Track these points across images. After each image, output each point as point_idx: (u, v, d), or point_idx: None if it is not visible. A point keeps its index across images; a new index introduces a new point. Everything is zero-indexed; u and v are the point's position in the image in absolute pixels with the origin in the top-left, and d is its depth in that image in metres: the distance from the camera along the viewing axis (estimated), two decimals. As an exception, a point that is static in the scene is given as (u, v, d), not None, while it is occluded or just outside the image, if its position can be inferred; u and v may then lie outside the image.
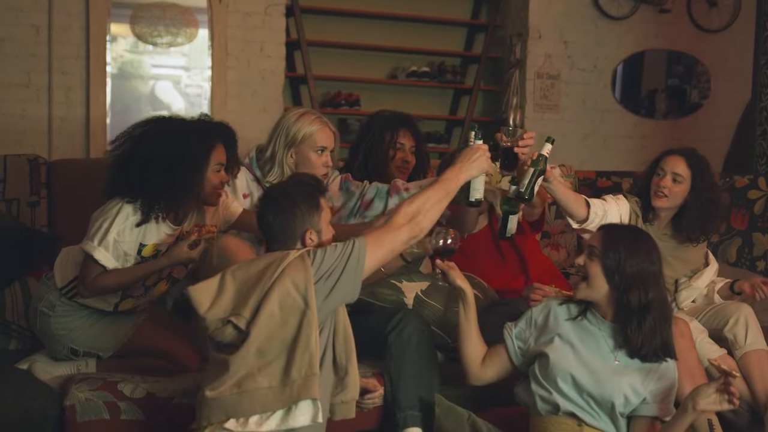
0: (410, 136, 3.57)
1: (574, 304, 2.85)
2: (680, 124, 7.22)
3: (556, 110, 6.89)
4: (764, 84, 5.01)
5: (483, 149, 2.78)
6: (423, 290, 3.33)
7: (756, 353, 3.39)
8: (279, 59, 6.27)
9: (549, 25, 6.84)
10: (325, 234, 2.61)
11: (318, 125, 3.27)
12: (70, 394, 2.84)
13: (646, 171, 3.57)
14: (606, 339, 2.77)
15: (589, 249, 2.76)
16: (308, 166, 3.24)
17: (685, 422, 2.59)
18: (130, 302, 3.10)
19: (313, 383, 2.40)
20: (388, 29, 6.94)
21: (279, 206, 2.57)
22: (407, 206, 2.59)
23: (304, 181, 2.66)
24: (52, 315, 3.04)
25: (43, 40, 5.65)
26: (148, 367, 3.12)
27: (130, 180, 2.94)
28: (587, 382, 2.70)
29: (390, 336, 3.07)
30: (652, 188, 3.49)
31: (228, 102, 6.03)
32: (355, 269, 2.47)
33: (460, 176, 2.73)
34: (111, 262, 2.93)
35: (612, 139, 6.97)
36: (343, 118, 6.82)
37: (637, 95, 7.26)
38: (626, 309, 2.71)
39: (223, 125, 3.10)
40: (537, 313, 2.89)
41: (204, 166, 2.95)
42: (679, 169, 3.45)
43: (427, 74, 7.00)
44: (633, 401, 2.72)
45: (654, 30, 7.06)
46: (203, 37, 6.21)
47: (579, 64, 6.95)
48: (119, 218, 2.92)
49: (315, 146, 3.26)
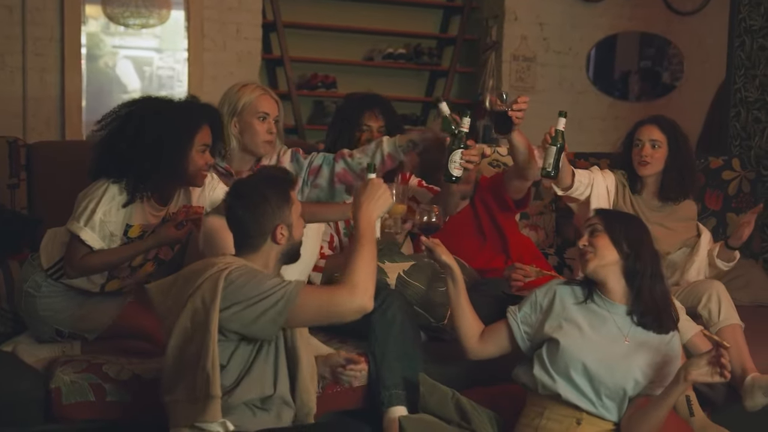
0: (378, 117, 3.55)
1: (578, 286, 2.86)
2: (653, 106, 7.27)
3: (532, 92, 6.90)
4: (738, 66, 5.07)
5: (381, 182, 2.63)
6: (405, 270, 3.35)
7: (730, 328, 3.47)
8: (255, 41, 6.26)
9: (525, 8, 6.86)
10: (296, 228, 2.57)
11: (259, 92, 3.34)
12: (55, 376, 2.84)
13: (623, 145, 3.80)
14: (615, 320, 2.78)
15: (590, 228, 2.79)
16: (252, 133, 3.29)
17: (677, 393, 2.64)
18: (116, 283, 3.09)
19: (211, 407, 2.37)
20: (365, 11, 6.93)
21: (249, 202, 2.53)
22: (348, 276, 2.43)
23: (273, 175, 2.62)
24: (37, 296, 3.03)
25: (17, 21, 5.60)
26: (133, 349, 3.12)
27: (116, 161, 2.93)
28: (599, 370, 2.71)
29: (373, 316, 3.06)
30: (634, 159, 3.71)
31: (204, 84, 6.01)
32: (276, 317, 2.39)
33: (372, 218, 2.56)
34: (97, 242, 2.93)
35: (587, 121, 7.02)
36: (320, 100, 6.82)
37: (610, 77, 7.32)
38: (638, 274, 2.75)
39: (209, 107, 3.09)
40: (541, 296, 2.89)
41: (189, 147, 2.94)
42: (654, 135, 3.69)
43: (404, 56, 7.01)
44: (642, 383, 2.74)
45: (628, 13, 7.10)
46: (175, 18, 6.18)
47: (554, 46, 6.98)
48: (105, 198, 2.92)
49: (257, 112, 3.30)
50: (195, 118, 2.99)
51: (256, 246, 2.54)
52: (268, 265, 2.55)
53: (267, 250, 2.54)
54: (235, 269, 2.43)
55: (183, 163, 2.95)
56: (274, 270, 2.58)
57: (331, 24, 6.81)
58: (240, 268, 2.44)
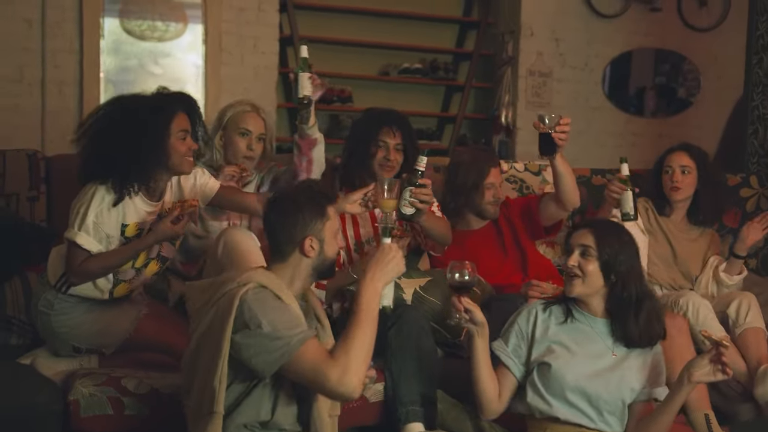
0: (395, 133, 3.51)
1: (556, 305, 2.84)
2: (669, 122, 7.27)
3: (548, 107, 6.91)
4: (756, 83, 5.05)
5: (395, 249, 2.53)
6: (422, 286, 3.34)
7: (753, 330, 3.53)
8: (272, 55, 6.28)
9: (541, 23, 6.87)
10: (328, 244, 2.53)
11: (245, 109, 3.52)
12: (74, 389, 2.84)
13: (653, 172, 3.94)
14: (600, 335, 2.78)
15: (581, 248, 2.75)
16: (232, 147, 3.48)
17: (683, 395, 2.66)
18: (124, 287, 3.10)
19: (212, 422, 2.35)
20: (381, 26, 6.95)
21: (282, 208, 2.53)
22: (344, 355, 2.34)
23: (312, 188, 2.60)
24: (51, 314, 3.04)
25: (36, 35, 5.63)
26: (151, 362, 3.13)
27: (98, 162, 2.96)
28: (595, 386, 2.71)
29: (390, 332, 3.08)
30: (665, 185, 3.87)
31: (221, 97, 6.01)
32: (272, 363, 2.33)
33: (378, 288, 2.46)
34: (94, 245, 2.95)
35: (603, 137, 7.01)
36: (335, 114, 6.84)
37: (626, 93, 7.31)
38: (623, 303, 2.73)
39: (182, 94, 3.12)
40: (523, 323, 2.85)
41: (166, 134, 2.96)
42: (684, 161, 3.85)
43: (420, 71, 7.02)
44: (637, 389, 2.75)
45: (644, 28, 7.11)
46: (192, 32, 6.21)
47: (570, 61, 6.99)
48: (95, 201, 2.94)
49: (238, 128, 3.46)
50: (168, 107, 3.02)
51: (284, 256, 2.51)
52: (298, 277, 2.52)
53: (296, 261, 2.51)
54: (252, 292, 2.38)
55: (164, 152, 2.97)
56: (305, 284, 2.56)
57: (347, 38, 6.83)
58: (257, 292, 2.39)
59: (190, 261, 3.49)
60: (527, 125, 6.87)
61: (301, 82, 3.22)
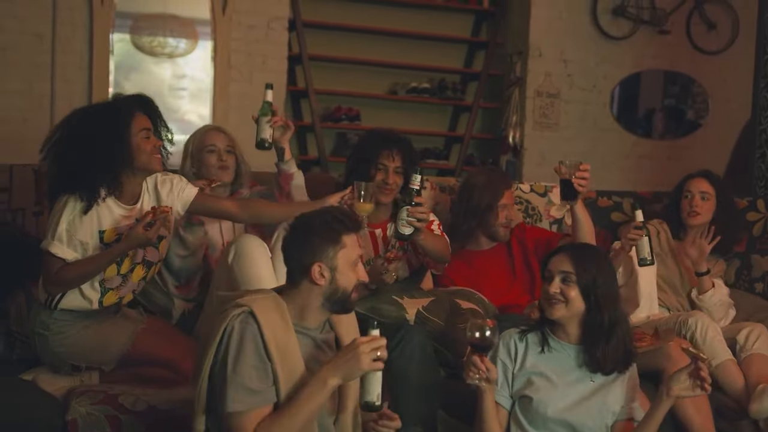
0: (395, 156, 3.49)
1: (531, 333, 2.79)
2: (677, 144, 7.27)
3: (556, 128, 6.92)
4: (764, 107, 5.04)
5: (361, 345, 2.32)
6: (424, 306, 3.33)
7: (759, 355, 3.51)
8: (281, 73, 6.30)
9: (549, 44, 6.88)
10: (342, 275, 2.42)
11: (206, 128, 3.67)
12: (71, 408, 2.83)
13: (672, 196, 4.05)
14: (576, 362, 2.75)
15: (562, 275, 2.71)
16: (204, 165, 3.54)
17: (662, 411, 2.65)
18: (112, 295, 3.08)
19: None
20: (390, 45, 6.97)
21: (296, 231, 2.46)
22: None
23: (331, 213, 2.49)
24: (47, 334, 3.04)
25: (46, 50, 5.67)
26: (152, 377, 3.12)
27: (63, 174, 2.99)
28: (577, 415, 2.69)
29: (393, 353, 3.05)
30: (684, 210, 3.94)
31: (230, 114, 6.05)
32: (222, 405, 2.32)
33: (328, 381, 2.32)
34: (68, 253, 2.96)
35: (609, 158, 7.01)
36: (343, 132, 6.85)
37: (635, 115, 7.31)
38: (596, 328, 2.72)
39: (138, 95, 3.16)
40: (504, 356, 2.79)
41: (128, 135, 3.00)
42: (704, 187, 3.93)
43: (428, 90, 7.04)
44: (617, 411, 2.74)
45: (653, 51, 7.11)
46: (203, 48, 6.24)
47: (578, 83, 6.99)
48: (66, 210, 2.97)
49: (205, 147, 3.55)
50: (124, 108, 3.05)
51: (296, 281, 2.44)
52: (308, 307, 2.45)
53: (306, 289, 2.43)
54: (239, 320, 2.33)
55: (129, 153, 3.00)
56: (319, 314, 2.47)
57: (356, 57, 6.85)
58: (243, 320, 2.33)
59: (183, 283, 3.51)
60: (535, 146, 6.88)
61: (260, 125, 3.29)
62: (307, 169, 6.64)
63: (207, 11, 6.15)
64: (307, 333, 2.46)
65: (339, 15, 6.82)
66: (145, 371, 3.16)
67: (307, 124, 6.69)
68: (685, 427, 3.26)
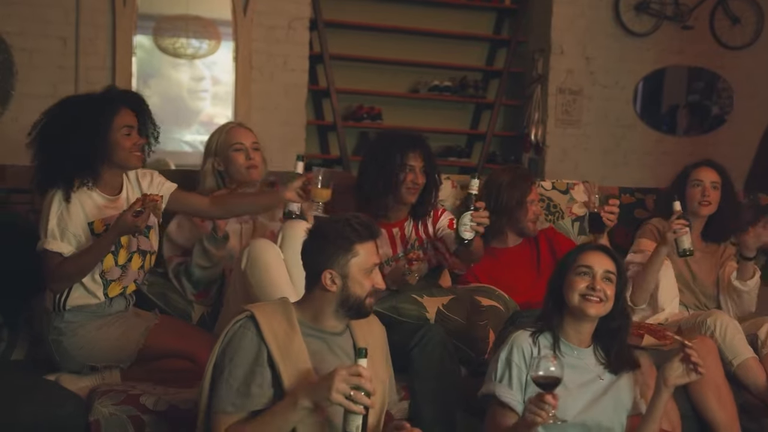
0: (419, 156, 3.52)
1: (541, 336, 2.74)
2: (701, 141, 7.21)
3: (578, 125, 6.89)
4: (789, 102, 5.00)
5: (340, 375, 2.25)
6: (444, 304, 3.33)
7: None
8: (302, 72, 6.32)
9: (571, 41, 6.86)
10: (355, 283, 2.43)
11: (231, 126, 3.61)
12: (93, 409, 2.84)
13: (675, 188, 3.82)
14: (586, 363, 2.73)
15: (605, 273, 2.69)
16: (233, 165, 3.51)
17: (663, 401, 2.65)
18: (115, 286, 3.10)
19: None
20: (411, 44, 6.97)
21: (311, 237, 2.49)
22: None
23: (347, 221, 2.47)
24: (62, 339, 3.06)
25: (70, 52, 5.72)
26: (172, 368, 3.13)
27: (47, 164, 3.03)
28: (595, 416, 2.67)
29: (413, 351, 3.07)
30: (693, 199, 3.79)
31: (252, 114, 6.07)
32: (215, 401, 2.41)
33: (297, 401, 2.31)
34: (64, 247, 2.99)
35: (632, 155, 6.97)
36: (365, 131, 6.86)
37: (658, 111, 7.26)
38: (611, 329, 2.72)
39: (128, 92, 3.20)
40: (519, 360, 2.71)
41: (108, 129, 3.02)
42: (713, 176, 3.81)
43: (449, 89, 7.03)
44: (629, 407, 2.74)
45: (676, 46, 7.07)
46: (226, 48, 6.26)
47: (601, 80, 6.96)
48: (53, 206, 3.00)
49: (231, 146, 3.51)
50: (109, 103, 3.07)
51: (310, 287, 2.49)
52: (322, 312, 2.47)
53: (319, 295, 2.46)
54: (239, 324, 2.42)
55: (107, 147, 3.03)
56: (334, 319, 2.49)
57: (377, 56, 6.86)
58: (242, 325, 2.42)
59: (201, 292, 3.51)
60: (557, 143, 6.86)
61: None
62: (329, 168, 6.66)
63: (228, 12, 6.18)
64: (321, 336, 2.49)
65: (360, 14, 6.83)
66: (164, 364, 3.16)
67: (329, 123, 6.71)
68: (710, 424, 3.25)
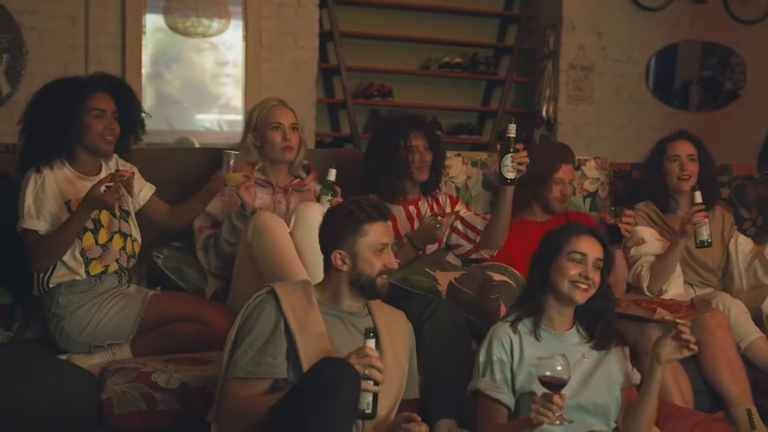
0: (420, 134, 3.56)
1: (520, 323, 2.72)
2: (714, 117, 7.16)
3: (590, 101, 6.86)
4: (802, 76, 4.95)
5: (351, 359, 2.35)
6: (456, 278, 3.33)
7: None
8: (312, 50, 6.31)
9: (583, 16, 6.81)
10: (365, 262, 2.54)
11: (272, 103, 3.53)
12: (105, 387, 2.86)
13: (651, 165, 3.83)
14: (569, 345, 2.71)
15: (596, 261, 2.68)
16: (268, 143, 3.47)
17: (658, 377, 2.64)
18: (96, 264, 3.10)
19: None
20: (421, 20, 6.94)
21: (325, 220, 2.62)
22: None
23: (357, 203, 2.58)
24: (63, 323, 3.07)
25: (80, 31, 5.73)
26: (182, 332, 3.15)
27: (28, 143, 3.08)
28: (588, 396, 2.65)
29: (425, 325, 3.07)
30: (672, 175, 3.72)
31: (261, 92, 6.05)
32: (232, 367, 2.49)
33: None
34: (40, 225, 3.01)
35: (644, 131, 6.92)
36: (376, 108, 6.85)
37: (671, 87, 7.21)
38: (594, 309, 2.72)
39: (111, 77, 3.21)
40: (500, 351, 2.70)
41: (79, 111, 3.04)
42: (689, 149, 3.73)
43: (460, 65, 7.00)
44: (622, 380, 2.73)
45: (689, 21, 7.01)
46: (236, 27, 6.25)
47: (613, 55, 6.92)
48: (30, 185, 3.02)
49: (270, 123, 3.46)
50: (87, 85, 3.09)
51: (326, 268, 2.61)
52: (339, 292, 2.59)
53: (333, 276, 2.58)
54: (259, 299, 2.53)
55: (77, 128, 3.06)
56: (350, 298, 2.60)
57: (387, 33, 6.83)
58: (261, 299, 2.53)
59: (227, 266, 3.51)
60: (568, 119, 6.82)
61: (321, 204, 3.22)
62: (339, 146, 6.65)
63: (238, -10, 6.17)
64: (339, 315, 2.60)
65: (369, -9, 6.80)
66: (172, 329, 3.16)
67: (339, 101, 6.70)
68: (723, 397, 3.24)
